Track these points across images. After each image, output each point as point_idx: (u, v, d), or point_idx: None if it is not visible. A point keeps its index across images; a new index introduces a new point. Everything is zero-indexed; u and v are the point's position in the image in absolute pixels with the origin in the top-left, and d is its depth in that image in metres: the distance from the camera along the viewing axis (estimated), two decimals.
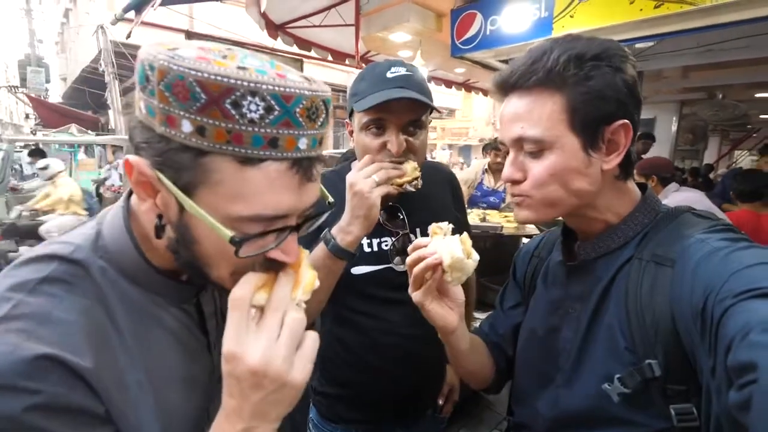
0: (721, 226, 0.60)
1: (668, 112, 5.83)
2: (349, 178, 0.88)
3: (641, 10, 2.49)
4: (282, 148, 0.42)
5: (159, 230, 0.47)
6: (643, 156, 3.94)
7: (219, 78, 0.39)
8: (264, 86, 0.40)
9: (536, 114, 0.61)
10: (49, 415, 0.40)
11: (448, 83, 5.56)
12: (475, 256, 0.66)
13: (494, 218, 2.82)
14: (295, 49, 4.16)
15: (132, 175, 0.45)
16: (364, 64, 4.38)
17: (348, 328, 1.10)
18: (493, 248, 2.55)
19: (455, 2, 3.28)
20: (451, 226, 0.71)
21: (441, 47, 3.66)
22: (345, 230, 0.88)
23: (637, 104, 0.62)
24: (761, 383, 0.40)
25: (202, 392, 0.57)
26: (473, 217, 2.73)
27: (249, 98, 0.39)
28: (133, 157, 0.44)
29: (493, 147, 3.60)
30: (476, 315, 2.01)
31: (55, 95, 16.90)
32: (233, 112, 0.39)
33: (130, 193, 0.51)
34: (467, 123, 11.97)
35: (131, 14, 2.21)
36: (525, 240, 2.49)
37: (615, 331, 0.62)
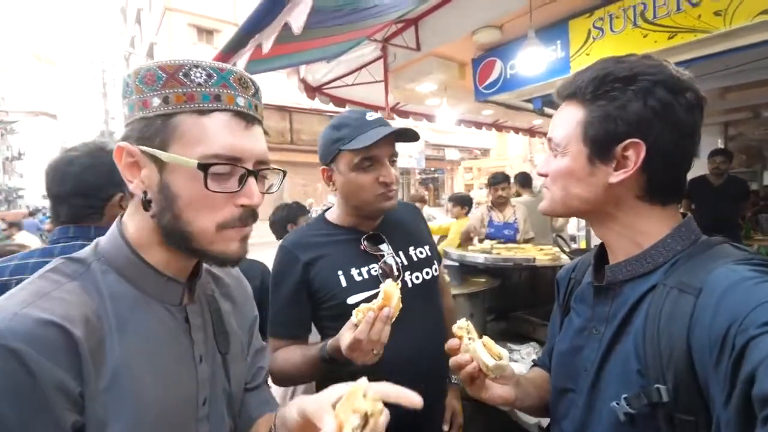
0: (759, 259, 0.57)
1: (712, 134, 5.63)
2: (347, 342, 0.86)
3: (656, 41, 2.58)
4: (225, 102, 0.55)
5: (146, 204, 0.56)
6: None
7: (172, 61, 0.55)
8: (203, 62, 0.56)
9: (564, 121, 0.69)
10: (35, 385, 0.46)
11: (478, 125, 5.76)
12: (505, 354, 0.75)
13: (530, 251, 2.83)
14: (331, 107, 4.56)
15: (122, 159, 0.56)
16: (394, 114, 4.70)
17: None
18: (529, 280, 2.55)
19: (475, 52, 3.53)
20: (469, 322, 0.77)
21: (465, 93, 3.89)
22: (339, 356, 0.90)
23: (669, 126, 0.61)
24: None
25: (184, 392, 0.60)
26: (503, 251, 2.76)
27: (194, 69, 0.55)
28: (121, 142, 0.56)
29: (493, 183, 3.71)
30: (513, 347, 2.04)
31: None
32: (185, 79, 0.54)
33: (121, 216, 0.64)
34: (503, 161, 12.00)
35: None
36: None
37: (630, 354, 0.62)
